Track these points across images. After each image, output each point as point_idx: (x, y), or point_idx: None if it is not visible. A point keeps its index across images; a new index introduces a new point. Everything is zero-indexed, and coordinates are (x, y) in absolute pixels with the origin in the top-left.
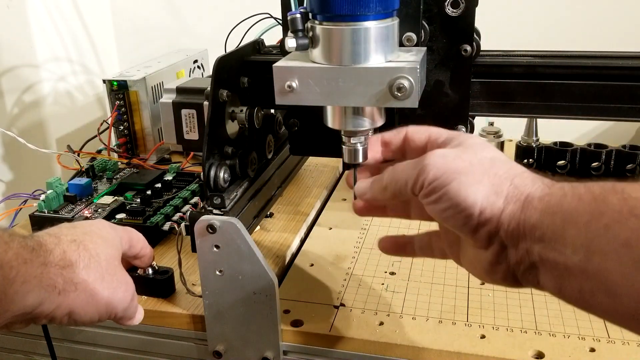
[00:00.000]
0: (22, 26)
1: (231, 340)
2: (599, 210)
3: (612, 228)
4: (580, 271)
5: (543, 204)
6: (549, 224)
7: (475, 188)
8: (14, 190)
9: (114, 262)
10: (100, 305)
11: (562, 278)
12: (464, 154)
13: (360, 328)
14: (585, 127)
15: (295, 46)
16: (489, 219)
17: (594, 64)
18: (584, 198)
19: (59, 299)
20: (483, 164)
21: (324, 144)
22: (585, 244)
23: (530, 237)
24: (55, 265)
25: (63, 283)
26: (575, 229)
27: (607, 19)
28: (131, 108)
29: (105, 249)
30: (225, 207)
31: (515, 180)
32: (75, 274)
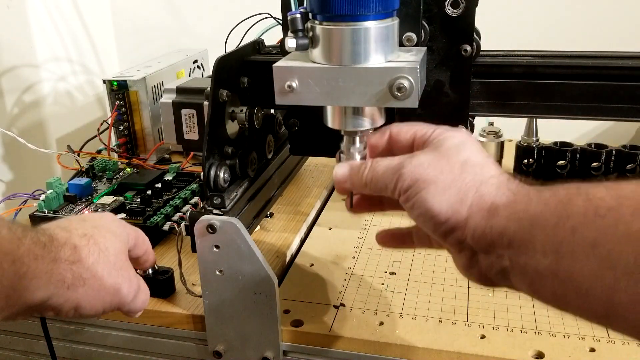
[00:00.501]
0: (22, 26)
1: (231, 340)
2: (565, 213)
3: (579, 230)
4: (552, 274)
5: (508, 211)
6: (517, 230)
7: (440, 197)
8: (14, 190)
9: (121, 257)
10: (105, 300)
11: (534, 281)
12: (439, 160)
13: (360, 328)
14: (585, 127)
15: (295, 46)
16: (455, 227)
17: (594, 64)
18: (550, 202)
19: (67, 293)
20: (453, 170)
21: (324, 144)
22: (554, 247)
23: (499, 244)
24: (65, 261)
25: (72, 278)
26: (543, 233)
27: (607, 19)
28: (131, 108)
29: (114, 243)
30: (225, 207)
31: (481, 187)
32: (84, 269)
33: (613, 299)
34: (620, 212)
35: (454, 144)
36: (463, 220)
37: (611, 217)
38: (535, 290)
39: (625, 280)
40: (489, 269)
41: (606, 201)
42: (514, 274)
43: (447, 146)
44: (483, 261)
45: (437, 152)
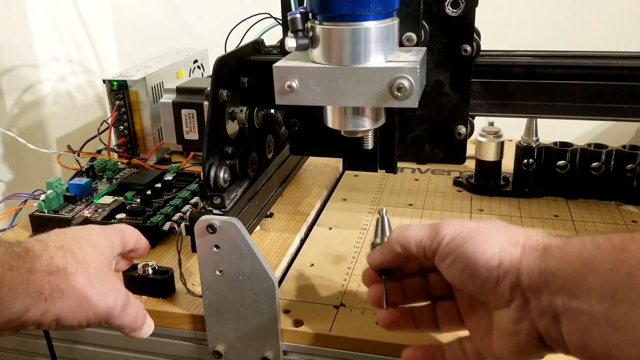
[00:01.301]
0: (22, 26)
1: (231, 340)
2: (620, 259)
3: (635, 276)
4: (606, 321)
5: (562, 253)
6: (570, 272)
7: (491, 243)
8: (14, 190)
9: (102, 269)
10: (89, 312)
11: (587, 329)
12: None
13: (360, 328)
14: (585, 127)
15: (295, 46)
16: (508, 269)
17: (594, 64)
18: (604, 247)
19: (45, 305)
20: (497, 224)
21: (324, 144)
22: (609, 292)
23: (553, 285)
24: (42, 272)
25: (50, 289)
26: (597, 277)
27: (607, 19)
28: (131, 108)
29: (94, 255)
30: (225, 207)
31: (531, 234)
32: (62, 280)
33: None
34: None
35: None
36: (517, 261)
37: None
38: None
39: None
40: (540, 318)
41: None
42: (566, 322)
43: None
44: (534, 309)
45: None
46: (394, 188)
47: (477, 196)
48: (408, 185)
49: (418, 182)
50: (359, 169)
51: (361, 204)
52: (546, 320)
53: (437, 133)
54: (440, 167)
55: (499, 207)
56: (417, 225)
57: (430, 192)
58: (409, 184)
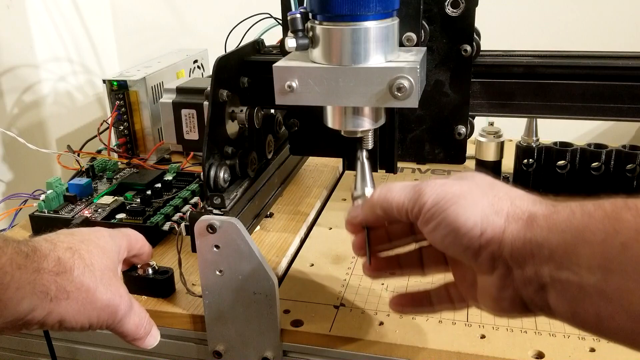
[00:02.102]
0: (22, 26)
1: (231, 340)
2: (614, 228)
3: (630, 247)
4: (598, 292)
5: (549, 222)
6: (559, 242)
7: (473, 210)
8: (14, 190)
9: (108, 273)
10: (92, 315)
11: (577, 300)
12: (462, 180)
13: (360, 328)
14: (585, 127)
15: (295, 46)
16: (490, 239)
17: (594, 64)
18: (595, 215)
19: (50, 305)
20: (481, 186)
21: (324, 144)
22: (603, 263)
23: (539, 256)
24: (49, 272)
25: (55, 290)
26: (590, 247)
27: (607, 19)
28: (131, 108)
29: (101, 259)
30: (225, 207)
31: (515, 200)
32: (68, 282)
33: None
34: None
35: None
36: (500, 231)
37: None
38: (576, 312)
39: None
40: (525, 287)
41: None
42: (554, 292)
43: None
44: (519, 278)
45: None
46: None
47: None
48: None
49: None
50: None
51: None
52: (531, 289)
53: (437, 133)
54: (440, 167)
55: None
56: (399, 186)
57: None
58: None
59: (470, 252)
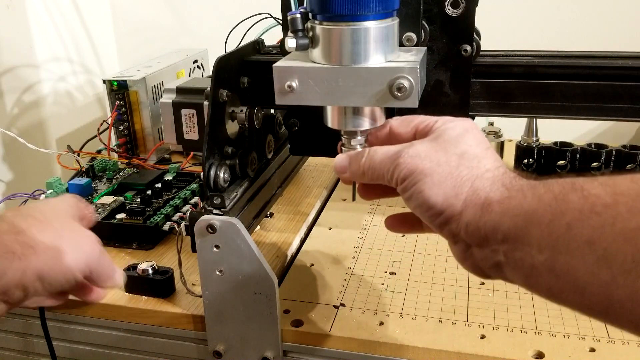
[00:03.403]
0: (22, 26)
1: (231, 340)
2: (560, 210)
3: (575, 227)
4: (547, 270)
5: (503, 207)
6: (511, 226)
7: (437, 190)
8: (14, 190)
9: (68, 221)
10: (69, 262)
11: (530, 276)
12: (436, 151)
13: (360, 328)
14: (585, 127)
15: (295, 46)
16: (450, 219)
17: (594, 64)
18: (544, 198)
19: (21, 264)
20: (449, 162)
21: (324, 144)
22: (550, 243)
23: (493, 239)
24: (7, 233)
25: (20, 248)
26: (538, 229)
27: (607, 19)
28: (131, 108)
29: (54, 213)
30: (225, 207)
31: (475, 182)
32: (30, 239)
33: (611, 296)
34: (617, 209)
35: (454, 135)
36: (457, 213)
37: (607, 214)
38: (531, 285)
39: (623, 278)
40: (483, 262)
41: (602, 198)
42: (509, 269)
43: (447, 137)
44: (477, 254)
45: (436, 142)
46: None
47: None
48: None
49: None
50: None
51: (361, 204)
52: (488, 264)
53: None
54: None
55: None
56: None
57: None
58: None
59: (434, 225)
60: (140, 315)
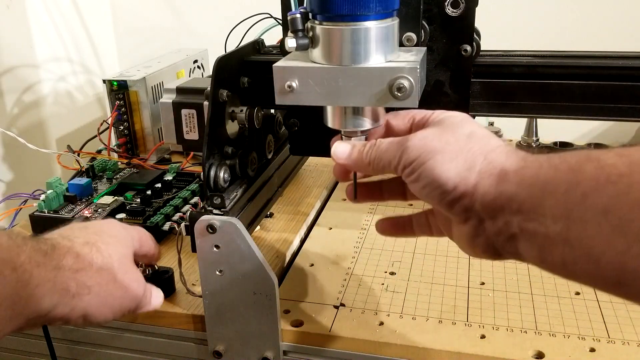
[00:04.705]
0: (22, 26)
1: (231, 340)
2: (576, 180)
3: (590, 196)
4: (562, 240)
5: (518, 177)
6: (527, 196)
7: (448, 165)
8: (14, 190)
9: (125, 261)
10: (114, 306)
11: (544, 248)
12: (443, 133)
13: (360, 328)
14: (585, 127)
15: (295, 46)
16: (463, 193)
17: (594, 64)
18: (560, 168)
19: (73, 302)
20: (459, 141)
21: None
22: (565, 213)
23: (508, 209)
24: (68, 269)
25: (76, 287)
26: (554, 198)
27: (607, 19)
28: (131, 108)
29: (117, 248)
30: (225, 207)
31: (489, 155)
32: (88, 277)
33: (625, 266)
34: (633, 178)
35: (457, 121)
36: (472, 186)
37: (623, 183)
38: (544, 258)
39: (637, 247)
40: (496, 237)
41: (618, 167)
42: (523, 241)
43: (450, 122)
44: (490, 228)
45: (441, 126)
46: None
47: None
48: None
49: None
50: None
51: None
52: (502, 238)
53: None
54: None
55: None
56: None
57: None
58: None
59: (445, 203)
60: (140, 315)
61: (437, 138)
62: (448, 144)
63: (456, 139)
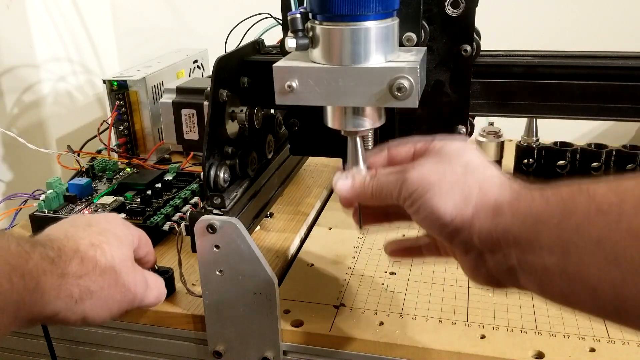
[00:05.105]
0: (22, 26)
1: (231, 340)
2: (568, 211)
3: (583, 227)
4: (559, 271)
5: (512, 209)
6: (521, 228)
7: (445, 198)
8: (14, 190)
9: (127, 263)
10: (113, 307)
11: (543, 280)
12: (440, 164)
13: (360, 328)
14: (585, 127)
15: (295, 46)
16: (461, 227)
17: (594, 64)
18: (552, 200)
19: (75, 307)
20: (455, 172)
21: (324, 144)
22: (560, 244)
23: (505, 242)
24: (72, 276)
25: (79, 292)
26: (548, 230)
27: (607, 19)
28: (131, 108)
29: (119, 249)
30: (225, 207)
31: (484, 186)
32: (92, 282)
33: (621, 295)
34: (623, 207)
35: (455, 149)
36: (468, 219)
37: (613, 213)
38: (544, 290)
39: (632, 276)
40: (496, 269)
41: (608, 197)
42: (522, 273)
43: (448, 151)
44: (490, 261)
45: (438, 157)
46: None
47: None
48: None
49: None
50: None
51: None
52: (502, 270)
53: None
54: None
55: None
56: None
57: None
58: None
59: (445, 235)
60: (140, 315)
61: (434, 169)
62: (445, 175)
63: (453, 170)
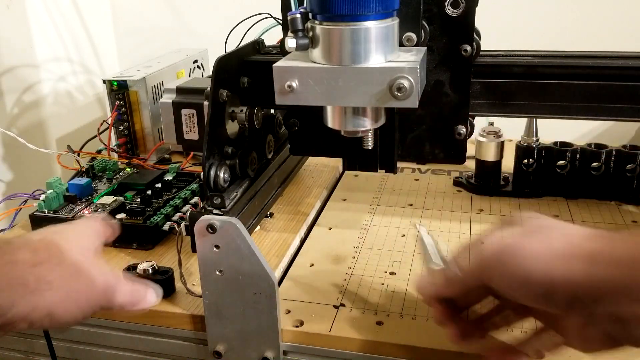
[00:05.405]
0: (22, 26)
1: (231, 340)
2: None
3: None
4: None
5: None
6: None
7: (535, 257)
8: (14, 190)
9: (88, 254)
10: (81, 301)
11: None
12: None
13: (360, 328)
14: (585, 127)
15: (295, 46)
16: (558, 282)
17: (594, 64)
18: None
19: (33, 298)
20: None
21: (324, 144)
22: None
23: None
24: (24, 263)
25: (35, 281)
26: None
27: (607, 19)
28: (131, 108)
29: (78, 241)
30: (225, 207)
31: (573, 240)
32: (48, 271)
33: None
34: None
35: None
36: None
37: None
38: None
39: None
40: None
41: None
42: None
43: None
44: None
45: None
46: (394, 188)
47: (477, 196)
48: (408, 186)
49: (418, 182)
50: (359, 169)
51: (361, 204)
52: (613, 324)
53: (437, 133)
54: (440, 167)
55: (499, 207)
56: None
57: (430, 192)
58: (409, 184)
59: (541, 298)
60: (140, 315)
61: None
62: (523, 236)
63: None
